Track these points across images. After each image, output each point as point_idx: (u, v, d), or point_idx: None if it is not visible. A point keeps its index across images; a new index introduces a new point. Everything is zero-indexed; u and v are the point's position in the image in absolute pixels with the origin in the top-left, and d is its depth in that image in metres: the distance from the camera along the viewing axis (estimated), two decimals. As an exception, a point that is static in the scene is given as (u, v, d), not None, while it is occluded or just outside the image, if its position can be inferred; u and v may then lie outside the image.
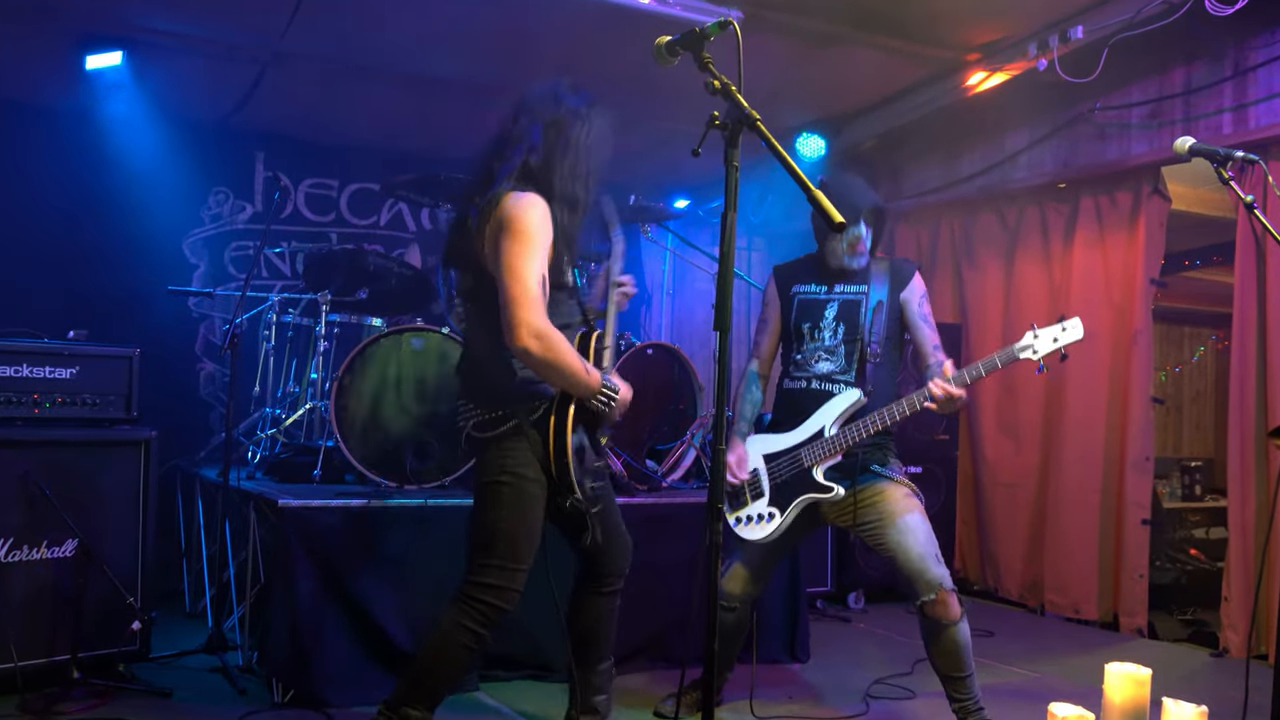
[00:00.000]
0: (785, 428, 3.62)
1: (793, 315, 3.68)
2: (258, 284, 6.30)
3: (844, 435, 3.46)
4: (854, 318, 3.59)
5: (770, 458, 3.61)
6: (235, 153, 6.49)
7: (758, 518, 3.57)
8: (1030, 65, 5.26)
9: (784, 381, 3.71)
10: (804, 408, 3.58)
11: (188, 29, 5.16)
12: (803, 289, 3.70)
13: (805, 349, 3.64)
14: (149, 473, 3.96)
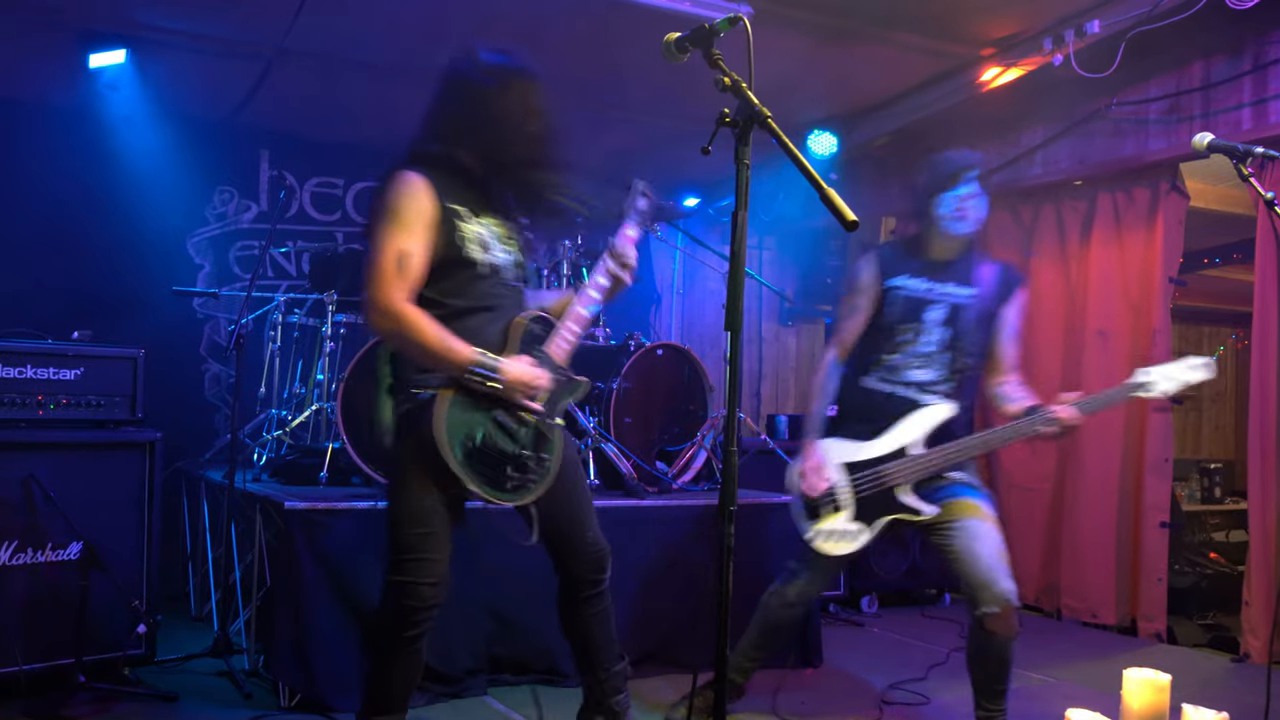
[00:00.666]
0: (861, 433, 3.42)
1: (892, 312, 3.42)
2: (263, 284, 6.32)
3: (934, 458, 3.32)
4: (960, 325, 3.39)
5: (851, 468, 3.41)
6: (240, 151, 6.51)
7: (842, 534, 3.38)
8: (1046, 60, 5.25)
9: (863, 378, 3.46)
10: (886, 415, 3.39)
11: (191, 26, 5.18)
12: (906, 283, 3.42)
13: (901, 352, 3.41)
14: (154, 475, 3.98)
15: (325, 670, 3.70)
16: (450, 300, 2.70)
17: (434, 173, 2.70)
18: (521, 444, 2.69)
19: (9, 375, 3.77)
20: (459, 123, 2.76)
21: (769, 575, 4.62)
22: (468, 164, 2.76)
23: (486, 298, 2.74)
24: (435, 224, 2.65)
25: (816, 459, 3.45)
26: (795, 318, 8.31)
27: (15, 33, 5.12)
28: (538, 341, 2.76)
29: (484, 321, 2.72)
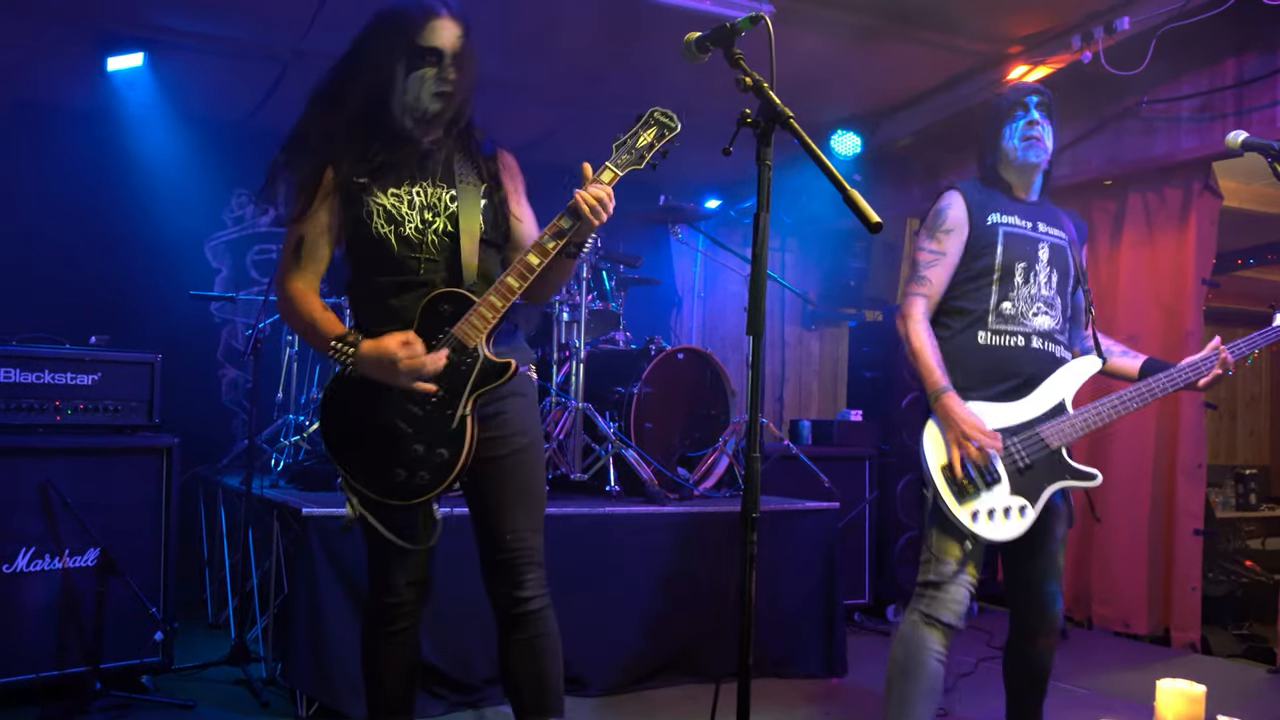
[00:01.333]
0: (1000, 394, 3.01)
1: (999, 250, 3.04)
2: (280, 288, 6.35)
3: (1103, 411, 2.99)
4: (1065, 266, 3.12)
5: (1003, 434, 2.97)
6: (258, 153, 6.47)
7: (1004, 511, 2.91)
8: (1074, 58, 5.22)
9: (979, 333, 3.04)
10: (1023, 371, 3.02)
11: (209, 28, 5.22)
12: (1007, 220, 3.09)
13: (1018, 296, 3.04)
14: (171, 481, 4.00)
15: (342, 678, 3.71)
16: (367, 277, 2.57)
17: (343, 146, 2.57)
18: (410, 436, 2.43)
19: (26, 380, 3.81)
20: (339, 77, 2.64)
21: (793, 583, 4.63)
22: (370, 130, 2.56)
23: (381, 268, 2.53)
24: (334, 206, 2.55)
25: (977, 417, 2.93)
26: (818, 321, 8.29)
27: (34, 35, 5.18)
28: (445, 321, 2.46)
29: (405, 300, 2.51)
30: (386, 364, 2.37)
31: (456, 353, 2.44)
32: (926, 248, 3.08)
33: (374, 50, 2.55)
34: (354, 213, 2.52)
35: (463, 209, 2.55)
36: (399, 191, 2.54)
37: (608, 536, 4.25)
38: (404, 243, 2.51)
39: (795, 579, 4.64)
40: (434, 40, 2.50)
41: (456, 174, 2.59)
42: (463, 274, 2.52)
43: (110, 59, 5.25)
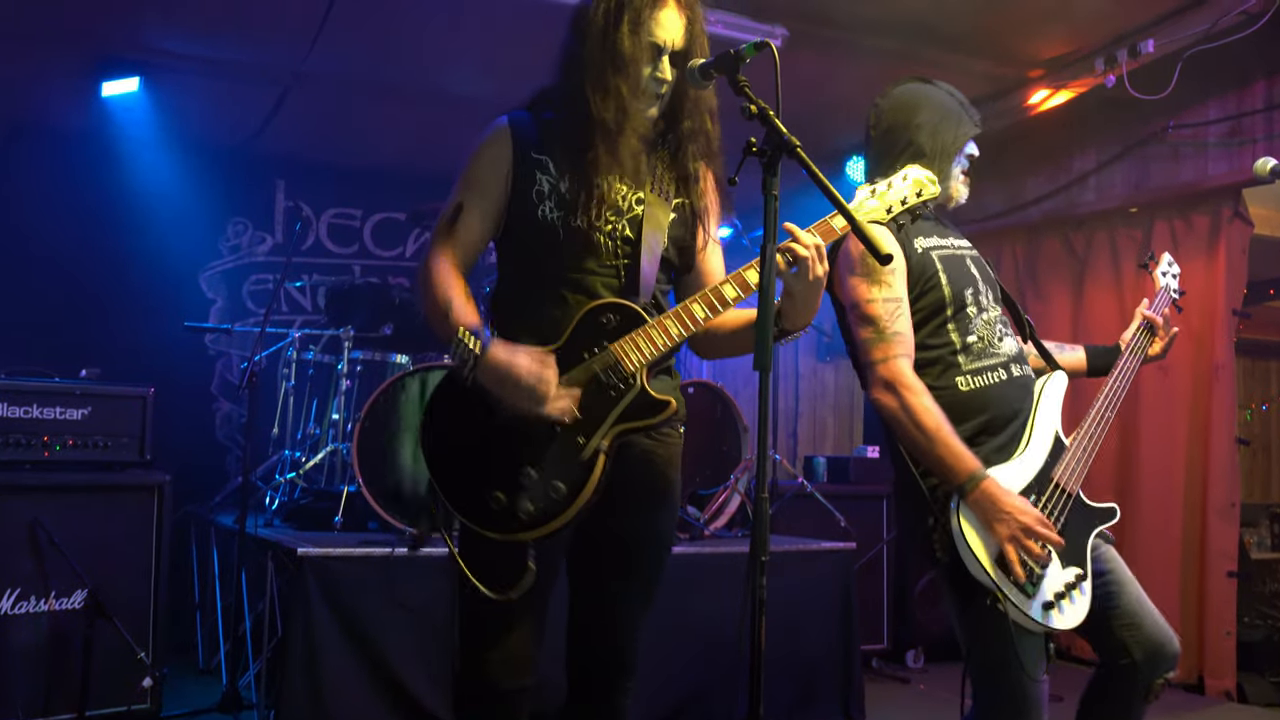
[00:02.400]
0: (999, 446, 2.57)
1: (943, 280, 2.63)
2: (277, 319, 6.38)
3: (1093, 433, 2.64)
4: (988, 275, 2.76)
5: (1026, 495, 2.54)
6: (255, 181, 6.60)
7: (1068, 591, 2.47)
8: (1098, 81, 5.25)
9: (958, 379, 2.58)
10: (1011, 410, 2.60)
11: (207, 51, 5.28)
12: (932, 242, 2.69)
13: (976, 323, 2.63)
14: (162, 519, 4.01)
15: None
16: (521, 272, 2.33)
17: (529, 117, 2.34)
18: (522, 457, 2.14)
19: (14, 415, 3.82)
20: (564, 49, 2.35)
21: (807, 627, 4.60)
22: (558, 89, 2.34)
23: (565, 271, 2.26)
24: (506, 175, 2.29)
25: (1025, 503, 2.46)
26: (833, 352, 8.28)
27: (26, 58, 5.23)
28: (605, 335, 2.17)
29: (562, 305, 2.24)
30: (507, 378, 2.08)
31: (608, 373, 2.15)
32: (877, 296, 2.56)
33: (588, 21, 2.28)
34: (522, 189, 2.28)
35: (648, 217, 2.30)
36: (579, 177, 2.26)
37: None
38: (574, 236, 2.25)
39: (810, 623, 4.61)
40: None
41: (650, 175, 2.35)
42: (639, 288, 2.24)
43: (105, 83, 5.31)
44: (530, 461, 2.12)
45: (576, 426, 2.13)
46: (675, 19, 2.25)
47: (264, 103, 5.76)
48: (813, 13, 4.83)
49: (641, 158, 2.31)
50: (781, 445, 7.57)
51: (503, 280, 2.39)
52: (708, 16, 2.38)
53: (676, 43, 2.26)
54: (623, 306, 2.19)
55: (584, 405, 2.13)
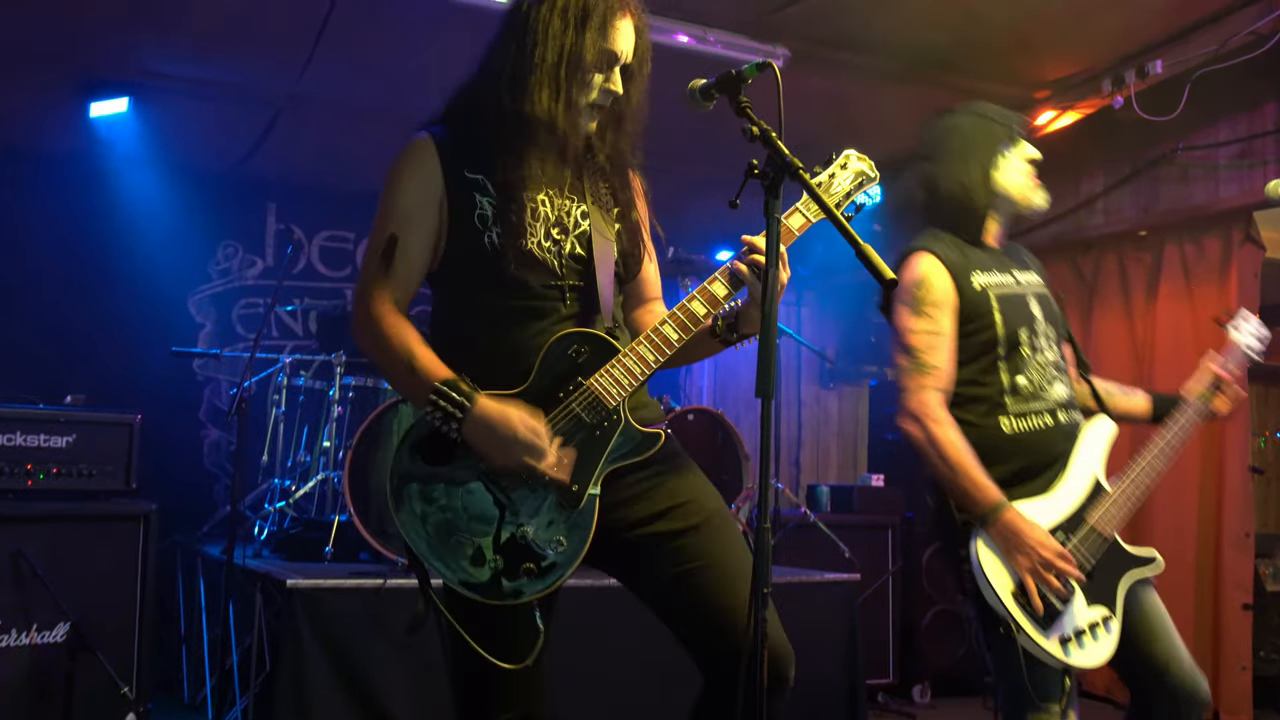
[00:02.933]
0: (1034, 489, 2.66)
1: (998, 320, 2.71)
2: (267, 344, 6.38)
3: (1140, 480, 2.72)
4: (1055, 316, 2.83)
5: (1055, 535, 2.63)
6: (246, 203, 6.61)
7: (1090, 630, 2.56)
8: (1105, 103, 5.27)
9: (1002, 420, 2.68)
10: (1052, 453, 2.70)
11: (198, 72, 5.30)
12: (993, 281, 2.77)
13: (1029, 365, 2.72)
14: (148, 550, 3.99)
15: (327, 764, 3.67)
16: (467, 305, 2.19)
17: (452, 131, 2.23)
18: (514, 517, 2.04)
19: (-3, 442, 3.82)
20: (488, 58, 2.25)
21: (811, 661, 4.57)
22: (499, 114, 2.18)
23: (513, 295, 2.14)
24: (440, 201, 2.16)
25: (1048, 536, 2.56)
26: (837, 379, 8.29)
27: (11, 78, 5.25)
28: (578, 370, 2.09)
29: (520, 337, 2.13)
30: (503, 437, 1.98)
31: (590, 412, 2.07)
32: (918, 328, 2.69)
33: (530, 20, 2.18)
34: (461, 215, 2.14)
35: (596, 231, 2.21)
36: (521, 196, 2.15)
37: (607, 611, 4.20)
38: (523, 261, 2.12)
39: (813, 656, 4.59)
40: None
41: (588, 187, 2.26)
42: (599, 310, 2.16)
43: (93, 104, 5.32)
44: (523, 518, 2.04)
45: (551, 478, 2.04)
46: (630, 32, 2.20)
47: (256, 124, 5.78)
48: (815, 34, 4.85)
49: (580, 168, 2.26)
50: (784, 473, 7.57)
51: (443, 316, 2.25)
52: (708, 36, 2.40)
53: (629, 56, 2.21)
54: (591, 336, 2.11)
55: (569, 448, 2.06)
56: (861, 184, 2.32)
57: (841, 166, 2.31)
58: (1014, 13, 4.67)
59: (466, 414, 1.99)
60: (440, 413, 2.00)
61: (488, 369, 2.08)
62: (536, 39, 2.14)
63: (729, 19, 4.64)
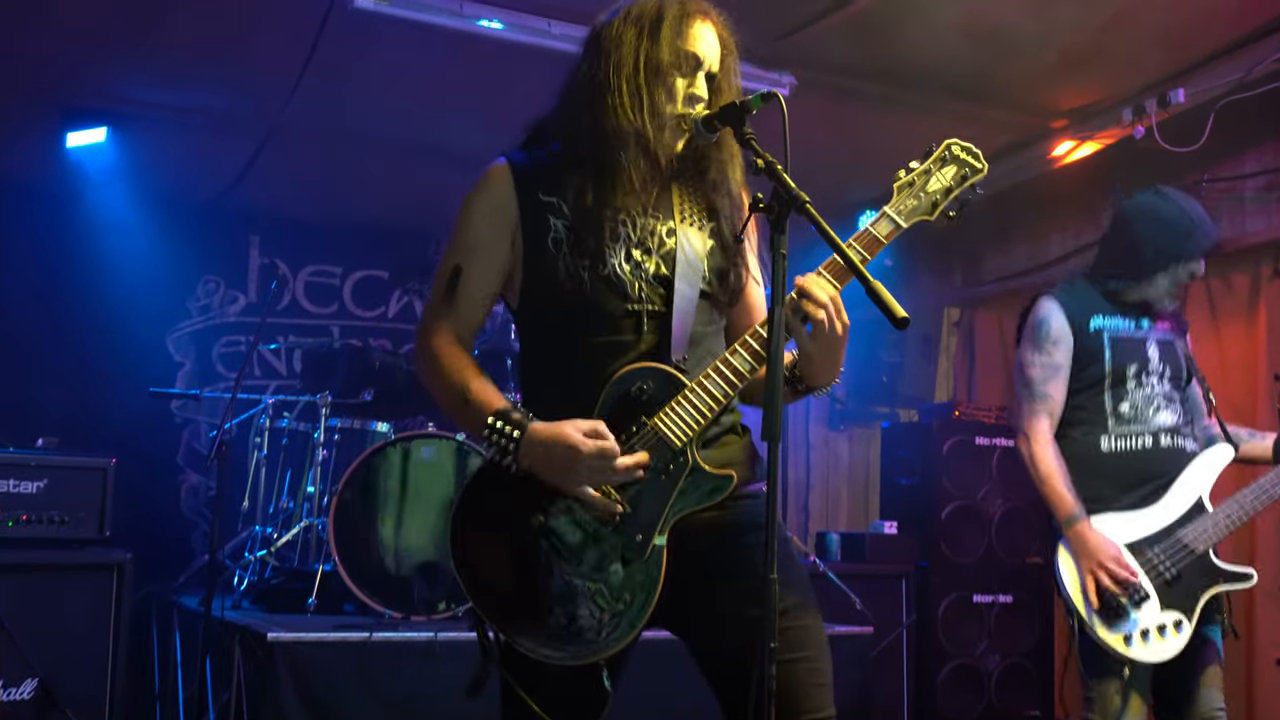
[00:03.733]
0: (1130, 502, 3.25)
1: (1107, 357, 3.32)
2: (249, 384, 6.38)
3: (1246, 504, 3.21)
4: (1176, 361, 3.38)
5: (1136, 547, 3.20)
6: (228, 237, 6.64)
7: (1159, 629, 3.10)
8: (1125, 133, 5.29)
9: (1102, 439, 3.30)
10: (1155, 472, 3.27)
11: (179, 100, 5.33)
12: (1110, 324, 3.37)
13: (1134, 396, 3.31)
14: (121, 601, 3.97)
15: (309, 829, 3.64)
16: (549, 338, 2.17)
17: (530, 155, 2.22)
18: (576, 565, 2.00)
19: (-36, 487, 3.81)
20: (570, 85, 2.23)
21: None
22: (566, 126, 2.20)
23: (597, 332, 2.10)
24: (514, 227, 2.15)
25: (1110, 543, 3.15)
26: (847, 421, 8.27)
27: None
28: (641, 409, 2.04)
29: (589, 369, 2.09)
30: (562, 454, 1.94)
31: (655, 454, 2.01)
32: (1037, 361, 3.35)
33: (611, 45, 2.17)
34: (535, 240, 2.12)
35: (682, 247, 2.15)
36: (599, 216, 2.12)
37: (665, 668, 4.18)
38: (601, 285, 2.09)
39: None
40: None
41: (677, 204, 2.22)
42: (670, 341, 2.09)
43: (70, 133, 5.36)
44: (588, 570, 1.99)
45: (632, 522, 2.00)
46: (713, 40, 2.18)
47: (239, 154, 5.81)
48: (822, 61, 4.89)
49: (669, 184, 2.21)
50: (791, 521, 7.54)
51: (528, 353, 2.24)
52: None
53: (714, 64, 2.18)
54: (654, 371, 2.05)
55: (635, 495, 2.00)
56: (965, 178, 2.22)
57: (940, 161, 2.21)
58: (1030, 39, 4.70)
59: (520, 441, 1.96)
60: (495, 445, 1.98)
61: (553, 406, 2.04)
62: (612, 51, 2.13)
63: (733, 45, 4.69)
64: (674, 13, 2.14)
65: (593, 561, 2.00)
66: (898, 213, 2.14)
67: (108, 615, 3.96)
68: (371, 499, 4.39)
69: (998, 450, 6.00)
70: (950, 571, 5.88)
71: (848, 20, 4.54)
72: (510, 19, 4.45)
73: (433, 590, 4.28)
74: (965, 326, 7.38)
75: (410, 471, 4.44)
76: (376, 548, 4.35)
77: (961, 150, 2.20)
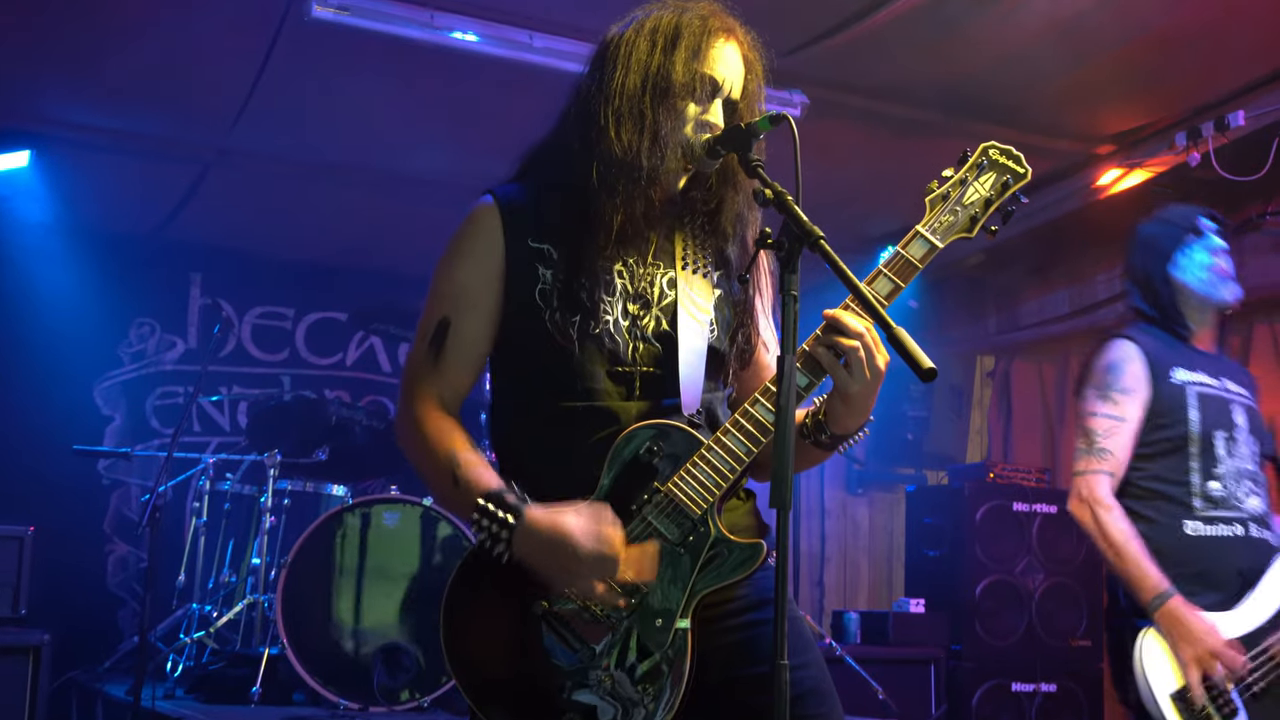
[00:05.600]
0: (1213, 601, 2.99)
1: (1194, 417, 3.13)
2: (188, 441, 6.36)
3: None
4: (1261, 432, 3.21)
5: None
6: (166, 274, 6.64)
7: None
8: (1179, 160, 5.32)
9: (1185, 523, 3.07)
10: (1240, 567, 3.05)
11: (113, 122, 5.35)
12: (1196, 378, 3.17)
13: (1225, 473, 3.10)
14: (38, 688, 3.94)
15: None
16: (529, 398, 2.14)
17: (522, 191, 2.19)
18: (590, 657, 1.97)
19: None
20: (566, 115, 2.20)
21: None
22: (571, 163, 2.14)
23: (588, 396, 2.08)
24: (500, 274, 2.12)
25: (1215, 630, 2.91)
26: (867, 483, 8.27)
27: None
28: (653, 473, 2.01)
29: (583, 437, 2.06)
30: (559, 552, 1.90)
31: (672, 525, 1.99)
32: (1101, 411, 3.14)
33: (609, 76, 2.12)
34: (521, 291, 2.10)
35: (684, 301, 2.13)
36: (592, 267, 2.10)
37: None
38: (592, 344, 2.08)
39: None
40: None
41: (679, 252, 2.19)
42: (680, 398, 2.07)
43: (-13, 159, 5.37)
44: (600, 660, 1.96)
45: (649, 605, 1.96)
46: (737, 61, 2.15)
47: (180, 182, 5.83)
48: (838, 78, 4.91)
49: (672, 227, 2.18)
50: (804, 598, 7.52)
51: (502, 410, 2.21)
52: None
53: (735, 89, 2.15)
54: (667, 429, 2.02)
55: (656, 574, 1.97)
56: (1006, 185, 2.14)
57: (976, 168, 2.15)
58: (1070, 55, 4.73)
59: (514, 529, 1.91)
60: (486, 531, 1.92)
61: (547, 479, 2.01)
62: (618, 66, 2.10)
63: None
64: (694, 28, 2.11)
65: (605, 650, 1.96)
66: (933, 231, 2.08)
67: (22, 704, 3.93)
68: (326, 572, 4.37)
69: (1038, 518, 6.00)
70: (985, 656, 5.85)
71: (867, 33, 4.56)
72: (487, 31, 4.47)
73: (395, 677, 4.25)
74: (1000, 377, 7.40)
75: (370, 541, 4.42)
76: (331, 628, 4.32)
77: (1000, 154, 2.15)
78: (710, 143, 2.08)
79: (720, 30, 2.13)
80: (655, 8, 2.17)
